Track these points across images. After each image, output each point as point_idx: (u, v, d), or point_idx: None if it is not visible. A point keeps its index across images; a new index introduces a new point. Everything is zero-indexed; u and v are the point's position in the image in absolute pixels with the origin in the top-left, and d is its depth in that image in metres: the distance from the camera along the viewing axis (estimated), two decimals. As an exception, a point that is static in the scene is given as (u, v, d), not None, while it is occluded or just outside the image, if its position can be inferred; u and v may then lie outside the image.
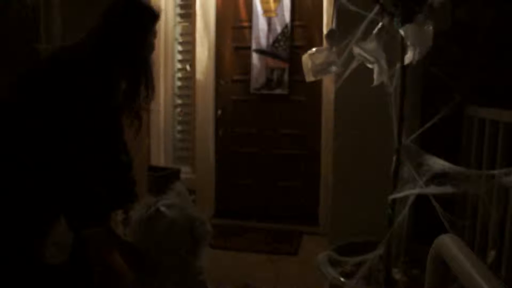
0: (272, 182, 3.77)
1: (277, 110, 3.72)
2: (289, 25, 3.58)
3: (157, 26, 1.61)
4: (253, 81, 3.69)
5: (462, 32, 1.57)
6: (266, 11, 3.62)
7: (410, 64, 1.64)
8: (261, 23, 3.62)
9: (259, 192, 3.79)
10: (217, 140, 3.86)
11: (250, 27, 3.67)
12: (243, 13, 3.73)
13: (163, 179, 3.20)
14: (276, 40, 3.60)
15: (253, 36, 3.64)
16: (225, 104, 3.82)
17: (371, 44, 1.51)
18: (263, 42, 3.63)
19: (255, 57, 3.66)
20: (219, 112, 3.82)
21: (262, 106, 3.74)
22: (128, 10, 1.47)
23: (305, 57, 1.77)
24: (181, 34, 4.00)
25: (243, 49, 3.73)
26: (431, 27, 1.45)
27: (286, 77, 3.62)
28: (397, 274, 1.80)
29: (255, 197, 3.80)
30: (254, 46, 3.65)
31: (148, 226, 1.43)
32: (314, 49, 1.78)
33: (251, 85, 3.70)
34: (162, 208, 1.43)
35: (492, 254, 1.57)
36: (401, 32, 1.50)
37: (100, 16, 1.48)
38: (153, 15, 1.52)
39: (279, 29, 3.59)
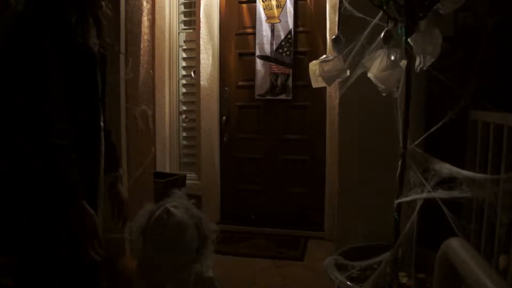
0: (278, 187, 3.78)
1: (282, 115, 3.74)
2: (292, 31, 3.60)
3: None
4: (257, 87, 3.72)
5: (466, 37, 1.58)
6: (269, 17, 3.65)
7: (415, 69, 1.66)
8: (264, 29, 3.65)
9: (265, 197, 3.81)
10: (222, 146, 3.89)
11: (254, 34, 3.70)
12: (247, 20, 3.77)
13: (170, 185, 3.21)
14: (280, 46, 3.63)
15: (257, 42, 3.68)
16: (230, 110, 3.86)
17: (383, 74, 1.52)
18: (267, 48, 3.66)
19: (259, 63, 3.69)
20: (224, 118, 3.86)
21: (267, 112, 3.76)
22: None
23: (312, 64, 1.78)
24: (185, 41, 4.03)
25: (247, 56, 3.77)
26: (439, 35, 1.47)
27: (290, 82, 3.64)
28: (404, 278, 1.80)
29: (261, 202, 3.81)
30: (258, 52, 3.68)
31: (157, 227, 1.46)
32: (323, 57, 1.80)
33: (256, 91, 3.73)
34: (171, 209, 1.46)
35: (504, 258, 1.57)
36: (409, 40, 1.51)
37: None
38: None
39: (282, 35, 3.62)
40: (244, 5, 3.77)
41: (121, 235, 2.46)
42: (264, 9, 3.65)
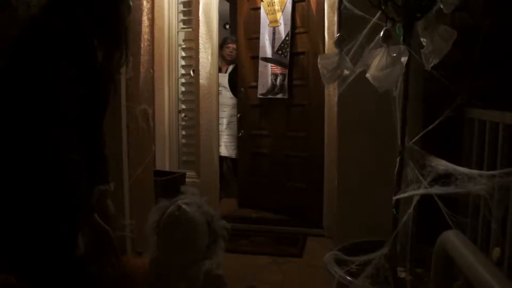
0: (279, 183, 3.90)
1: (282, 113, 3.85)
2: (290, 33, 3.68)
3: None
4: (260, 87, 3.87)
5: (462, 36, 1.61)
6: (271, 21, 3.80)
7: (412, 68, 1.69)
8: (267, 33, 3.81)
9: (266, 193, 3.95)
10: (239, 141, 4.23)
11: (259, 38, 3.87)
12: (256, 25, 3.92)
13: (169, 183, 3.24)
14: (280, 48, 3.75)
15: (260, 45, 3.84)
16: (244, 108, 4.08)
17: (381, 73, 1.55)
18: (269, 50, 3.81)
19: (261, 65, 3.85)
20: (238, 115, 4.13)
21: (270, 110, 3.92)
22: None
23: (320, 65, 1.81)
24: (184, 40, 4.05)
25: (257, 58, 3.93)
26: (453, 32, 1.51)
27: (286, 82, 3.73)
28: (402, 273, 1.83)
29: (262, 200, 3.94)
30: (260, 55, 3.84)
31: (169, 224, 1.48)
32: (324, 55, 1.82)
33: (258, 90, 3.88)
34: (183, 206, 1.48)
35: (497, 251, 1.60)
36: (422, 39, 1.55)
37: None
38: None
39: (282, 37, 3.74)
40: (256, 11, 3.94)
41: (122, 233, 2.49)
42: (267, 14, 3.79)
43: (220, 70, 4.30)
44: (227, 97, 4.34)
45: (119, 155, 2.56)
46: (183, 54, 4.06)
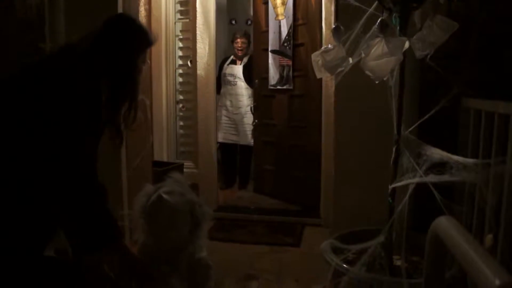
0: (283, 172, 4.00)
1: (287, 104, 3.93)
2: (292, 25, 3.75)
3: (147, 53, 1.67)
4: (270, 78, 3.97)
5: (459, 26, 1.62)
6: (277, 15, 3.88)
7: (409, 57, 1.70)
8: (274, 26, 3.91)
9: (274, 181, 4.08)
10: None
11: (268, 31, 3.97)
12: (266, 19, 4.03)
13: (167, 173, 3.25)
14: (285, 40, 3.85)
15: (269, 38, 3.94)
16: (257, 98, 4.19)
17: (375, 63, 1.56)
18: (276, 43, 3.91)
19: (271, 57, 3.95)
20: (251, 106, 4.25)
21: (277, 101, 4.00)
22: (129, 27, 1.54)
23: (315, 55, 1.81)
24: (182, 31, 4.04)
25: (267, 51, 4.01)
26: (454, 24, 1.52)
27: (290, 73, 3.81)
28: (398, 261, 1.86)
29: (271, 186, 4.09)
30: (270, 47, 3.94)
31: (151, 213, 1.52)
32: (324, 47, 1.83)
33: (269, 81, 3.98)
34: (164, 196, 1.51)
35: (489, 238, 1.63)
36: (424, 30, 1.56)
37: (100, 26, 1.51)
38: (149, 41, 1.59)
39: (286, 30, 3.82)
40: (266, 5, 4.02)
41: (120, 222, 2.51)
42: (274, 8, 3.88)
43: (235, 63, 4.37)
44: (242, 87, 4.38)
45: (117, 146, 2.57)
46: (181, 44, 4.05)
